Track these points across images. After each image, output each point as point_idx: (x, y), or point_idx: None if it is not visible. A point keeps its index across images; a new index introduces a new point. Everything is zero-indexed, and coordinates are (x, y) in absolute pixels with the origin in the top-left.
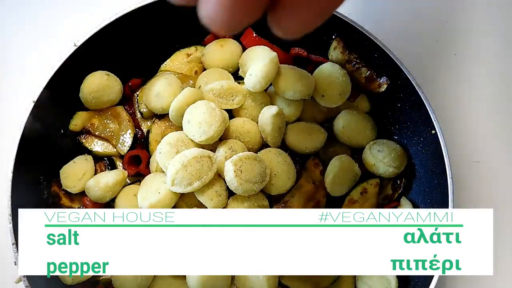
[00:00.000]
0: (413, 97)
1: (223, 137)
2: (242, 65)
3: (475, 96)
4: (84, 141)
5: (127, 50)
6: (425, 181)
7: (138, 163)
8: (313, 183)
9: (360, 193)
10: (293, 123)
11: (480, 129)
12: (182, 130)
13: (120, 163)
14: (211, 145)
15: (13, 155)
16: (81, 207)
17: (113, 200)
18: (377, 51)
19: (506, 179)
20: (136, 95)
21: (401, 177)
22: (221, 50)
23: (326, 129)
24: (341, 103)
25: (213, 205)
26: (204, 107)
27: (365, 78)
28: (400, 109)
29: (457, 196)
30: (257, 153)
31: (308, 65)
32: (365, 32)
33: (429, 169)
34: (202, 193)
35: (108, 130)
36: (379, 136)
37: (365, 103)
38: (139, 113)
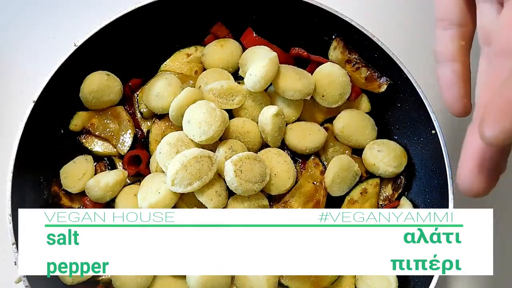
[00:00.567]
0: (413, 97)
1: (223, 137)
2: (242, 65)
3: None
4: (84, 141)
5: (127, 50)
6: (425, 181)
7: (138, 163)
8: (313, 183)
9: (360, 193)
10: (293, 123)
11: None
12: (182, 130)
13: (120, 163)
14: (211, 145)
15: (13, 155)
16: (81, 207)
17: (113, 200)
18: (377, 51)
19: (506, 179)
20: (136, 95)
21: (401, 177)
22: (221, 50)
23: (326, 129)
24: (341, 103)
25: (213, 205)
26: (204, 107)
27: (365, 78)
28: (400, 109)
29: (457, 196)
30: (257, 153)
31: (308, 65)
32: (365, 32)
33: (429, 169)
34: (202, 193)
35: (108, 130)
36: (379, 136)
37: (365, 103)
38: (139, 113)
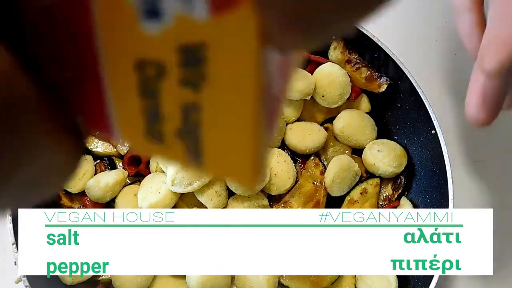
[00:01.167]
0: (413, 97)
1: None
2: None
3: None
4: (84, 141)
5: None
6: (425, 181)
7: (138, 163)
8: (313, 183)
9: (360, 193)
10: (293, 123)
11: (480, 129)
12: None
13: (120, 163)
14: None
15: None
16: (81, 207)
17: (113, 200)
18: (377, 51)
19: (506, 179)
20: None
21: (401, 177)
22: None
23: (326, 129)
24: (341, 103)
25: (213, 205)
26: None
27: (365, 78)
28: (400, 109)
29: (457, 196)
30: None
31: (308, 65)
32: (366, 32)
33: (429, 169)
34: (202, 193)
35: None
36: (379, 136)
37: (365, 103)
38: None
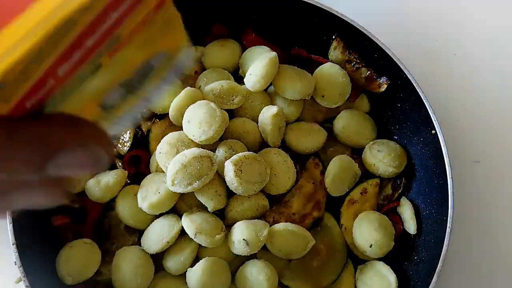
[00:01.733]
0: (413, 97)
1: (223, 137)
2: (242, 65)
3: (475, 96)
4: None
5: None
6: (425, 181)
7: (138, 163)
8: (313, 183)
9: (360, 193)
10: (293, 123)
11: (480, 129)
12: (182, 130)
13: (120, 163)
14: (211, 145)
15: None
16: (81, 207)
17: (113, 200)
18: (377, 51)
19: (507, 179)
20: None
21: (401, 177)
22: (221, 50)
23: (326, 129)
24: (341, 103)
25: (213, 205)
26: (205, 107)
27: (365, 78)
28: (400, 109)
29: (457, 196)
30: (257, 153)
31: (308, 65)
32: (365, 32)
33: (429, 169)
34: (202, 193)
35: None
36: (379, 136)
37: (365, 103)
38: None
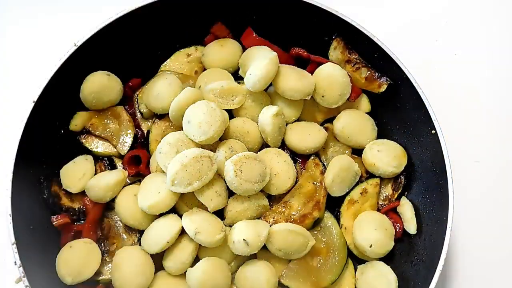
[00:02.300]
0: (413, 97)
1: (223, 137)
2: (242, 65)
3: (475, 96)
4: (84, 141)
5: (127, 50)
6: (425, 181)
7: (138, 163)
8: (313, 183)
9: (360, 193)
10: (293, 123)
11: (480, 129)
12: (182, 130)
13: (120, 163)
14: (211, 145)
15: (13, 155)
16: (81, 207)
17: (113, 200)
18: (377, 51)
19: (506, 179)
20: (136, 95)
21: (401, 177)
22: (221, 50)
23: (326, 129)
24: (341, 103)
25: (213, 205)
26: (205, 107)
27: (365, 78)
28: (400, 109)
29: (457, 196)
30: (257, 153)
31: (308, 65)
32: (366, 32)
33: (429, 169)
34: (202, 193)
35: (108, 130)
36: (379, 136)
37: (365, 103)
38: (139, 113)
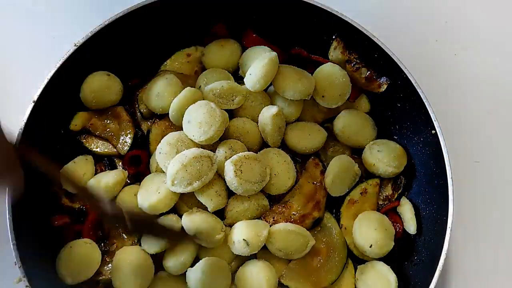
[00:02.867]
0: (413, 97)
1: (223, 137)
2: (242, 65)
3: (475, 96)
4: (84, 141)
5: (127, 50)
6: (425, 181)
7: (138, 163)
8: (313, 183)
9: (360, 193)
10: (293, 123)
11: (480, 129)
12: (182, 130)
13: (120, 163)
14: (211, 145)
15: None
16: (81, 207)
17: (113, 200)
18: (377, 51)
19: (507, 179)
20: (136, 95)
21: (401, 177)
22: (221, 50)
23: (326, 129)
24: (341, 103)
25: (213, 205)
26: (205, 107)
27: (365, 78)
28: (400, 109)
29: (457, 196)
30: (257, 153)
31: (308, 65)
32: (366, 32)
33: (429, 169)
34: (202, 193)
35: (108, 130)
36: (379, 136)
37: (365, 103)
38: (139, 113)
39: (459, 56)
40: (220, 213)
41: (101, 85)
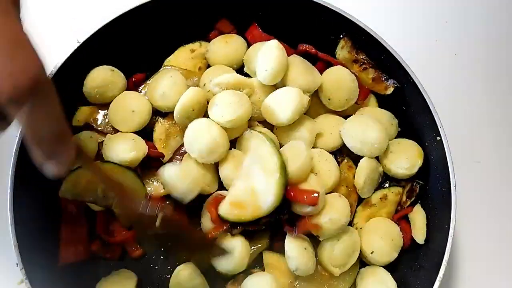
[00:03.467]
0: (419, 101)
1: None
2: (247, 61)
3: (475, 96)
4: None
5: (131, 45)
6: (428, 187)
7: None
8: (346, 186)
9: (380, 198)
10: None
11: (480, 129)
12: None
13: None
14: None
15: (13, 155)
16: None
17: None
18: (384, 53)
19: (507, 179)
20: (139, 90)
21: (415, 183)
22: (226, 46)
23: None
24: (347, 107)
25: None
26: (232, 92)
27: (372, 79)
28: (406, 112)
29: (457, 197)
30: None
31: (317, 62)
32: (373, 34)
33: (432, 175)
34: None
35: (110, 125)
36: None
37: (373, 103)
38: None
39: (459, 56)
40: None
41: (104, 80)
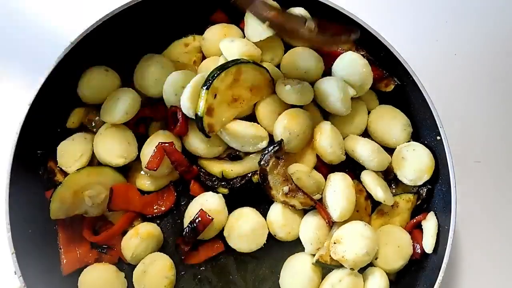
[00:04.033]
0: (420, 100)
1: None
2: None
3: (475, 96)
4: None
5: (124, 42)
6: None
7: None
8: (356, 211)
9: (391, 205)
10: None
11: (480, 129)
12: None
13: None
14: None
15: (15, 137)
16: None
17: None
18: (383, 50)
19: (507, 179)
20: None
21: (421, 190)
22: (222, 37)
23: None
24: (361, 94)
25: None
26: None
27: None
28: (406, 110)
29: (458, 197)
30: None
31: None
32: (373, 32)
33: (432, 175)
34: None
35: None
36: None
37: (373, 100)
38: None
39: (459, 56)
40: None
41: (99, 80)
